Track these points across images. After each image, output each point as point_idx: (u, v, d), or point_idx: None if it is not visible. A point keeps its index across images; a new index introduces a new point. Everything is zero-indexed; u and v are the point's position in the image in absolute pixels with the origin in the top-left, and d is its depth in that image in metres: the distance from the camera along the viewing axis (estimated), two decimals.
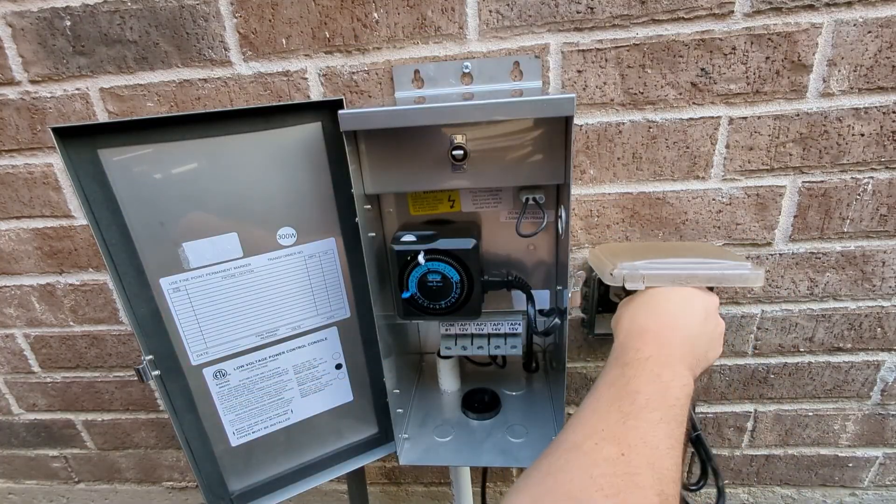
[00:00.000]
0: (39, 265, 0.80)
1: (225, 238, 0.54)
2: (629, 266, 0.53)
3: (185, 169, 0.51)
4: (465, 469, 0.77)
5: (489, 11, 0.59)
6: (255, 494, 0.65)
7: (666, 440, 0.38)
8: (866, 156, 0.63)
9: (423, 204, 0.66)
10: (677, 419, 0.39)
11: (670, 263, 0.54)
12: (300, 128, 0.53)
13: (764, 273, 0.65)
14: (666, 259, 0.55)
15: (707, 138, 0.64)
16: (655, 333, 0.47)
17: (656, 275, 0.52)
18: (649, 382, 0.42)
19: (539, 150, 0.53)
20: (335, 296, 0.62)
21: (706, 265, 0.54)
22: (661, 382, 0.42)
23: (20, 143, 0.71)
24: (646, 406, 0.39)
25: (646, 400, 0.40)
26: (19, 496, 1.08)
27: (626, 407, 0.40)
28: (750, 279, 0.52)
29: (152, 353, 0.54)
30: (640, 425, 0.38)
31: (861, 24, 0.57)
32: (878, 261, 0.69)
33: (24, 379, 0.91)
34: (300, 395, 0.64)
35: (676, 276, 0.52)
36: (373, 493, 1.01)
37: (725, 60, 0.60)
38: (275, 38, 0.63)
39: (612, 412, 0.40)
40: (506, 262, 0.69)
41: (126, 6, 0.62)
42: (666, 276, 0.52)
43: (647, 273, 0.52)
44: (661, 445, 0.37)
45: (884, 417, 0.82)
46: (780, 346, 0.77)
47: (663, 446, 0.37)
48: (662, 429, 0.38)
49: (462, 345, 0.67)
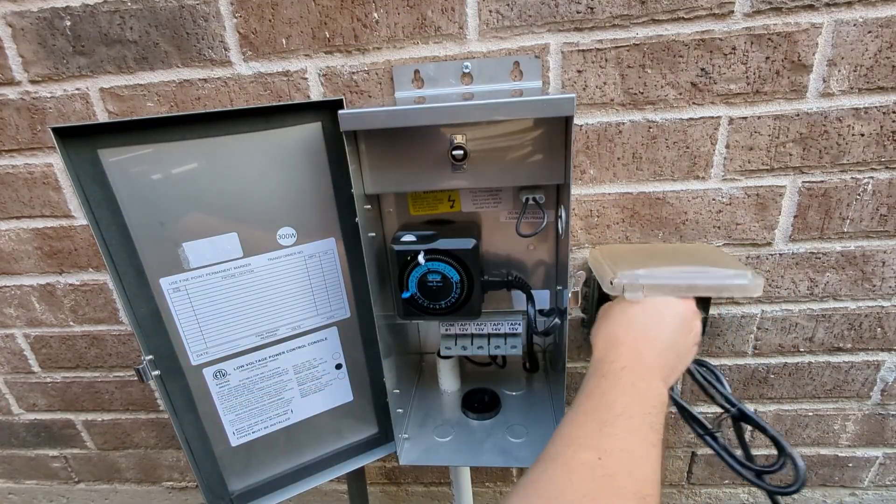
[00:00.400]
0: (39, 265, 0.80)
1: (225, 238, 0.54)
2: (629, 275, 0.53)
3: (185, 169, 0.51)
4: (465, 469, 0.77)
5: (489, 11, 0.59)
6: (255, 494, 0.65)
7: (643, 446, 0.39)
8: (866, 156, 0.63)
9: (423, 204, 0.66)
10: (653, 426, 0.41)
11: (670, 273, 0.54)
12: (300, 128, 0.53)
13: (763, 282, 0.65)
14: (666, 267, 0.55)
15: (707, 138, 0.64)
16: (629, 346, 0.49)
17: (656, 285, 0.53)
18: (625, 392, 0.44)
19: (539, 150, 0.53)
20: (335, 296, 0.62)
21: (706, 275, 0.54)
22: (636, 392, 0.44)
23: (20, 143, 0.71)
24: (622, 414, 0.41)
25: (622, 408, 0.42)
26: (19, 496, 1.08)
27: (603, 416, 0.41)
28: (749, 289, 0.53)
29: (152, 353, 0.54)
30: (616, 432, 0.40)
31: (861, 24, 0.57)
32: (878, 261, 0.69)
33: (24, 379, 0.91)
34: (300, 395, 0.64)
35: (676, 287, 0.53)
36: (373, 493, 1.01)
37: (725, 60, 0.60)
38: (275, 38, 0.63)
39: (589, 421, 0.41)
40: (506, 262, 0.69)
41: (126, 6, 0.62)
42: (666, 286, 0.53)
43: (647, 283, 0.53)
44: (637, 450, 0.39)
45: (884, 417, 0.82)
46: (780, 346, 0.77)
47: (640, 451, 0.39)
48: (639, 435, 0.40)
49: (462, 345, 0.67)
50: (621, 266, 0.55)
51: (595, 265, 0.62)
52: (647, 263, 0.56)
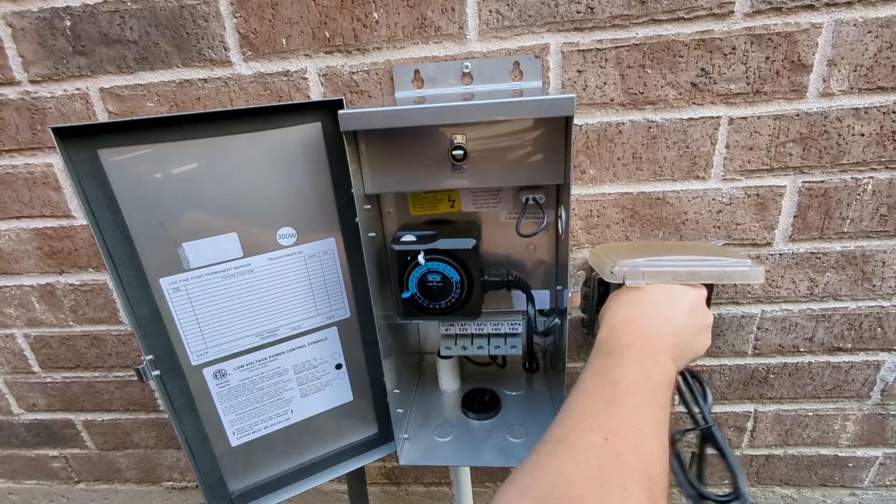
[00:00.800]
0: (39, 265, 0.80)
1: (225, 238, 0.54)
2: (630, 263, 0.53)
3: (185, 169, 0.51)
4: (465, 469, 0.77)
5: (489, 11, 0.59)
6: (255, 494, 0.65)
7: (649, 423, 0.38)
8: (866, 156, 0.63)
9: (423, 204, 0.66)
10: (660, 403, 0.40)
11: (671, 260, 0.54)
12: (300, 128, 0.53)
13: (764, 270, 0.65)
14: (667, 256, 0.55)
15: (707, 138, 0.64)
16: (638, 324, 0.48)
17: (657, 272, 0.52)
18: (631, 370, 0.42)
19: (539, 150, 0.53)
20: (335, 296, 0.62)
21: (707, 262, 0.54)
22: (642, 369, 0.43)
23: (20, 143, 0.71)
24: (628, 392, 0.40)
25: (628, 386, 0.41)
26: (19, 496, 1.08)
27: (608, 394, 0.40)
28: (750, 276, 0.53)
29: (152, 353, 0.54)
30: (622, 411, 0.39)
31: (861, 24, 0.57)
32: (878, 261, 0.69)
33: (24, 379, 0.91)
34: (300, 395, 0.64)
35: (677, 273, 0.52)
36: (373, 493, 1.01)
37: (725, 60, 0.60)
38: (275, 38, 0.63)
39: (595, 400, 0.40)
40: (506, 262, 0.69)
41: (126, 6, 0.62)
42: (667, 272, 0.52)
43: (647, 270, 0.52)
44: (644, 428, 0.38)
45: (884, 417, 0.82)
46: (780, 346, 0.77)
47: (647, 429, 0.38)
48: (645, 412, 0.39)
49: (462, 345, 0.67)
50: (622, 257, 0.55)
51: (595, 261, 0.62)
52: (647, 255, 0.56)
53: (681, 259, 0.55)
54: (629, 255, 0.56)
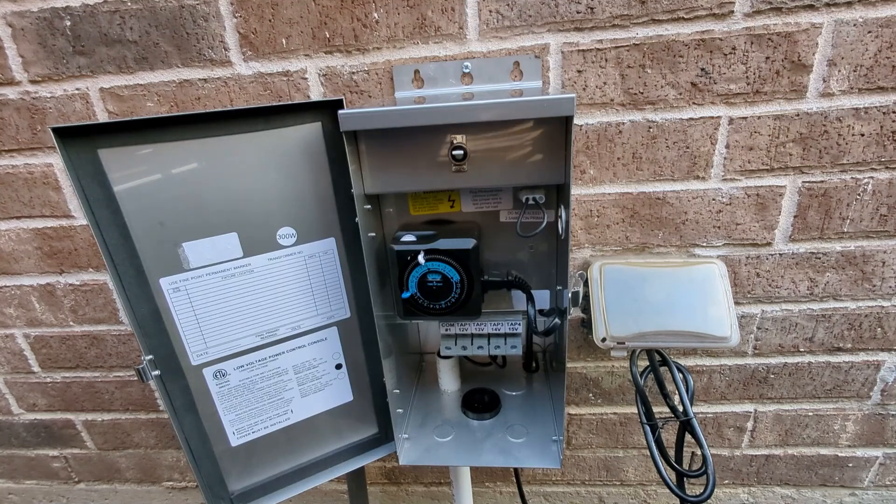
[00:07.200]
0: (39, 265, 0.80)
1: (225, 238, 0.54)
2: (618, 338, 0.61)
3: (185, 169, 0.51)
4: (465, 469, 0.77)
5: (489, 11, 0.59)
6: (255, 494, 0.65)
7: None
8: (866, 156, 0.63)
9: (423, 204, 0.66)
10: None
11: (655, 338, 0.61)
12: (300, 128, 0.53)
13: (739, 338, 0.70)
14: (652, 330, 0.61)
15: (707, 138, 0.64)
16: None
17: (642, 345, 0.62)
18: None
19: (539, 150, 0.53)
20: (335, 296, 0.61)
21: (684, 338, 0.61)
22: None
23: (20, 143, 0.71)
24: None
25: None
26: (19, 496, 1.08)
27: None
28: (726, 343, 0.61)
29: (152, 353, 0.54)
30: None
31: (861, 24, 0.57)
32: (878, 261, 0.69)
33: (24, 379, 0.91)
34: (300, 395, 0.64)
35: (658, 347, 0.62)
36: (373, 493, 1.01)
37: (725, 60, 0.60)
38: (275, 38, 0.62)
39: None
40: (506, 262, 0.69)
41: (126, 6, 0.62)
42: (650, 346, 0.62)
43: (632, 346, 0.62)
44: None
45: (884, 417, 0.82)
46: (780, 346, 0.77)
47: None
48: None
49: (462, 345, 0.67)
50: (613, 318, 0.62)
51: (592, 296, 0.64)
52: (640, 311, 0.62)
53: (664, 336, 0.61)
54: (621, 312, 0.62)
